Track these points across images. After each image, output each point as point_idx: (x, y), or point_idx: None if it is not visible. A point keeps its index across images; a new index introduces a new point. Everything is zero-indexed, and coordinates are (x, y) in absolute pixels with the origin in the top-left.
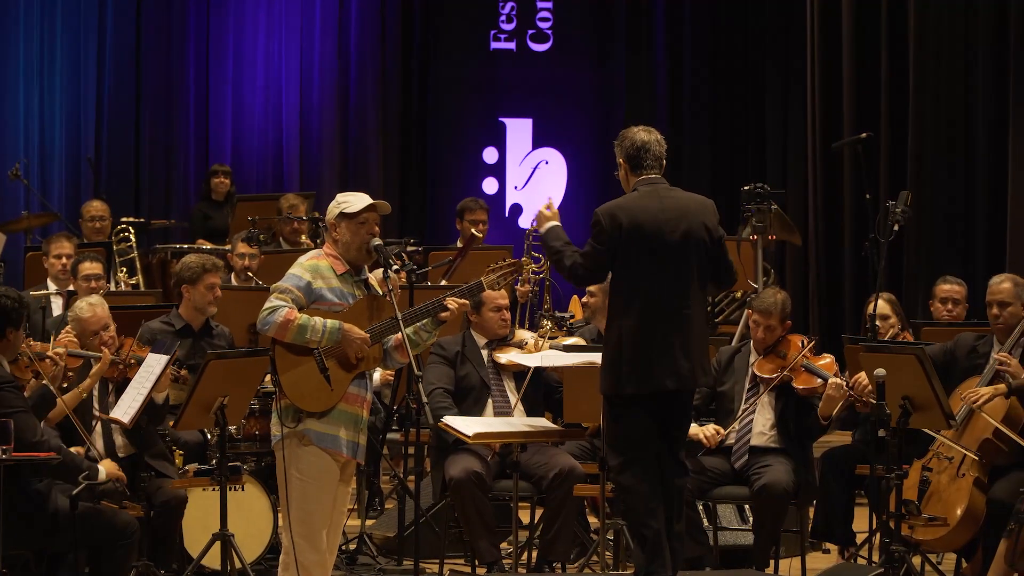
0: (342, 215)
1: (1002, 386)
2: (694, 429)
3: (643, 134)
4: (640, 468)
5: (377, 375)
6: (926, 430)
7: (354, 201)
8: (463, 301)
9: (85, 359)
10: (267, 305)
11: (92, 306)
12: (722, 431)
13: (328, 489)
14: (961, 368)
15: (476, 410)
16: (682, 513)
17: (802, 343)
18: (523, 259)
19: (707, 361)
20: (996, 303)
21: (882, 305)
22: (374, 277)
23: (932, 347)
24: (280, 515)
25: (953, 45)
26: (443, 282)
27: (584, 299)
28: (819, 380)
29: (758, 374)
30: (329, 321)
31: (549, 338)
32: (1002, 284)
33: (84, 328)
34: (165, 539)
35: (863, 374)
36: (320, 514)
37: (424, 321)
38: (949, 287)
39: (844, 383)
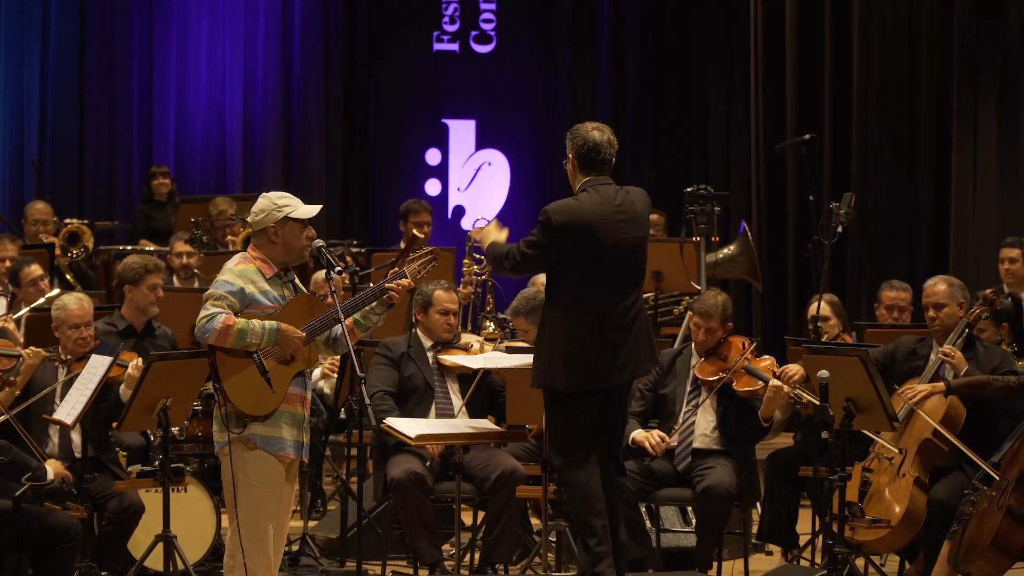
0: (287, 219)
1: (940, 384)
2: (639, 435)
3: (596, 133)
4: (588, 465)
5: (317, 370)
6: (865, 432)
7: (295, 204)
8: (405, 282)
9: (16, 358)
10: (203, 313)
11: (79, 300)
12: (667, 438)
13: (275, 492)
14: (900, 371)
15: (419, 411)
16: (621, 515)
17: (743, 345)
18: (464, 260)
19: (653, 347)
20: (932, 305)
21: (823, 307)
22: (315, 279)
23: (873, 350)
24: (225, 517)
25: (897, 47)
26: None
27: None
28: (760, 383)
29: (699, 377)
30: (267, 323)
31: (490, 339)
32: (936, 286)
33: (66, 319)
34: (117, 544)
35: (792, 364)
36: (268, 517)
37: (373, 304)
38: (895, 294)
39: (784, 384)
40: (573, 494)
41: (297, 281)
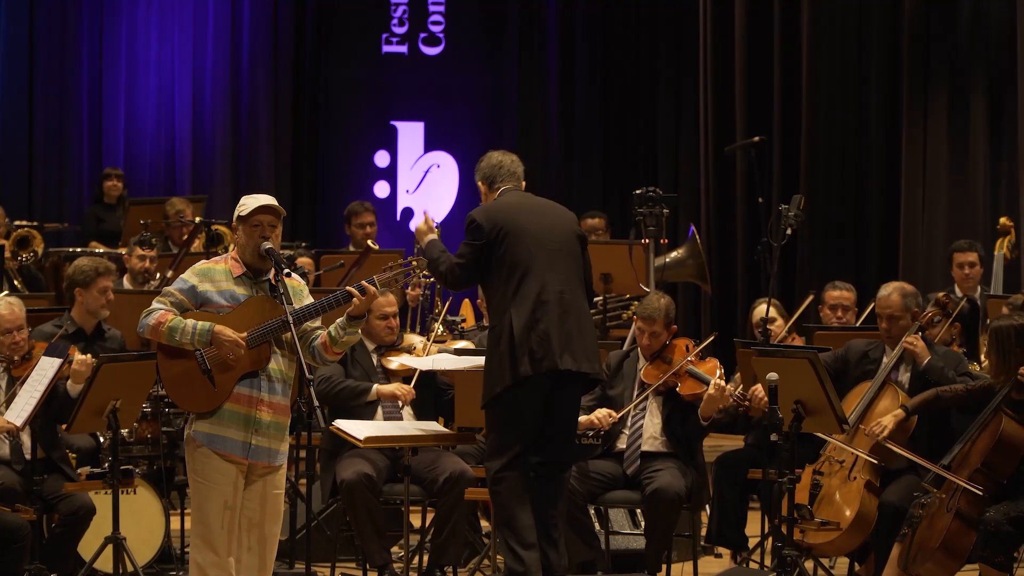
0: (238, 218)
1: (900, 412)
2: (583, 417)
3: (498, 155)
4: (519, 464)
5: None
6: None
7: (249, 203)
8: (370, 289)
9: None
10: (146, 309)
11: (10, 304)
12: (614, 414)
13: (221, 490)
14: (853, 375)
15: (365, 415)
16: (563, 514)
17: (687, 348)
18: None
19: (597, 353)
20: (886, 317)
21: (764, 311)
22: (294, 278)
23: (824, 355)
24: (177, 519)
25: (846, 49)
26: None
27: None
28: (704, 385)
29: (645, 380)
30: (200, 323)
31: (437, 341)
32: (891, 297)
33: None
34: (68, 546)
35: (759, 387)
36: (215, 515)
37: (340, 320)
38: (838, 293)
39: (726, 385)
40: (504, 497)
41: (291, 281)
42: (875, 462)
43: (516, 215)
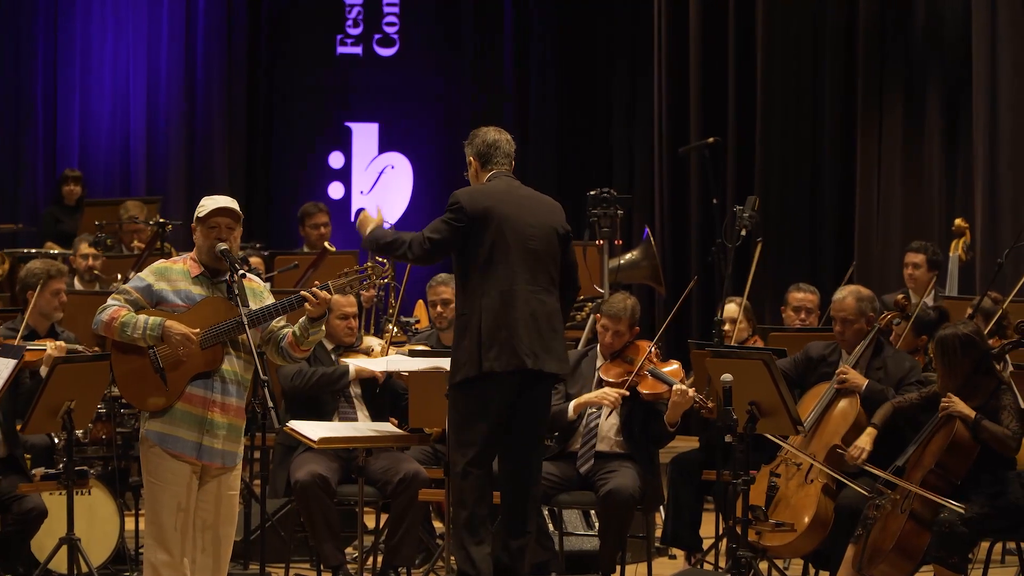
0: (196, 219)
1: (871, 430)
2: (594, 395)
3: (494, 133)
4: (484, 461)
5: None
6: (772, 437)
7: (208, 205)
8: (323, 294)
9: None
10: (102, 305)
11: None
12: (623, 391)
13: (174, 491)
14: (812, 379)
15: (321, 415)
16: (528, 525)
17: (649, 349)
18: (367, 263)
19: (565, 353)
20: (840, 320)
21: (734, 309)
22: (253, 279)
23: (783, 360)
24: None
25: (800, 50)
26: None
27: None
28: (665, 386)
29: (604, 379)
30: (151, 319)
31: (395, 343)
32: (845, 301)
33: None
34: (18, 546)
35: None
36: (169, 515)
37: (302, 320)
38: (802, 295)
39: (688, 388)
40: (466, 489)
41: (253, 283)
42: (830, 472)
43: (501, 204)
